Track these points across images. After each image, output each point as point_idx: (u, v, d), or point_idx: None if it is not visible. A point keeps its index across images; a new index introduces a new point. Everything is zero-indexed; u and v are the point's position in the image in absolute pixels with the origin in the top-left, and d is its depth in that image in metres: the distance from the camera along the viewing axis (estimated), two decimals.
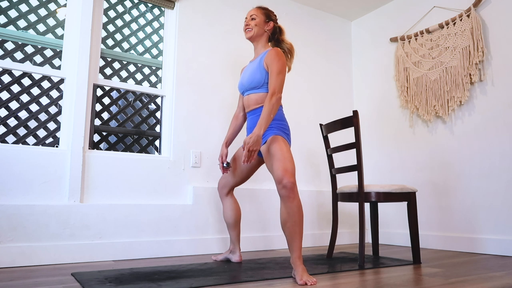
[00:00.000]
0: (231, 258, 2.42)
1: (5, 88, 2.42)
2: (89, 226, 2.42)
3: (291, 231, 1.85)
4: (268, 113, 1.98)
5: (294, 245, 1.85)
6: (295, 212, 1.85)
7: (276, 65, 2.07)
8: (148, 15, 3.02)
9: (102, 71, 2.77)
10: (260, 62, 2.18)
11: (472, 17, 2.96)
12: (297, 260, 1.83)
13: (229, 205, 2.41)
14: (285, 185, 1.85)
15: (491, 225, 2.78)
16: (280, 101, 2.05)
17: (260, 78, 2.15)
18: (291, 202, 1.85)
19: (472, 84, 2.98)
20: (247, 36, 2.28)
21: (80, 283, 1.73)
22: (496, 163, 2.79)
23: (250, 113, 2.25)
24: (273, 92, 2.03)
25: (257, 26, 2.25)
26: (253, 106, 2.21)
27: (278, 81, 2.05)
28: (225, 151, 2.40)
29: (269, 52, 2.14)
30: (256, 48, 2.30)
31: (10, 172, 2.29)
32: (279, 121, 2.11)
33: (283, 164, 1.90)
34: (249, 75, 2.21)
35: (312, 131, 3.59)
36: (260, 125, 1.95)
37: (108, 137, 2.76)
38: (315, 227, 3.39)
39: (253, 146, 1.91)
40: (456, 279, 1.85)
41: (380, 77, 3.72)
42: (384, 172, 3.60)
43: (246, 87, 2.24)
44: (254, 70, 2.19)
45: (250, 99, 2.22)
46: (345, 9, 3.85)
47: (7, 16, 2.49)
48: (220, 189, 2.44)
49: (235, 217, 2.40)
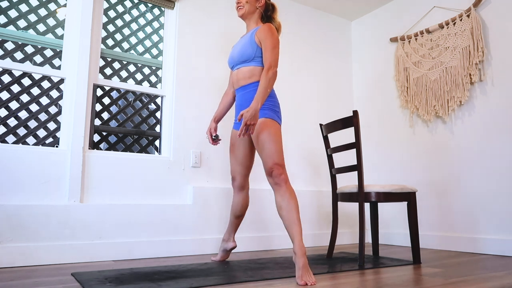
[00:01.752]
0: (227, 247, 2.41)
1: (5, 88, 2.42)
2: (89, 226, 2.42)
3: (287, 217, 1.90)
4: (265, 87, 1.99)
5: (293, 230, 1.87)
6: (289, 198, 1.93)
7: (270, 39, 2.08)
8: (148, 15, 3.02)
9: (102, 71, 2.77)
10: (251, 37, 2.17)
11: (472, 17, 2.96)
12: (299, 249, 1.82)
13: (239, 198, 2.38)
14: (274, 177, 1.98)
15: (491, 225, 2.78)
16: (276, 75, 2.05)
17: (251, 52, 2.15)
18: (283, 191, 1.95)
19: (472, 84, 2.98)
20: (239, 14, 2.26)
21: (80, 283, 1.73)
22: (496, 163, 2.79)
23: (240, 89, 2.22)
24: (270, 66, 2.03)
25: (248, 3, 2.24)
26: (242, 81, 2.19)
27: (273, 55, 2.06)
28: (214, 125, 2.39)
29: (262, 27, 2.14)
30: (248, 26, 2.29)
31: (10, 172, 2.29)
32: (271, 98, 2.12)
33: (272, 153, 1.99)
34: (240, 49, 2.20)
35: (312, 131, 3.59)
36: (257, 99, 1.95)
37: (108, 137, 2.76)
38: (315, 227, 3.39)
39: (251, 120, 1.91)
40: (456, 279, 1.85)
41: (380, 77, 3.72)
42: (384, 172, 3.60)
43: (236, 61, 2.22)
44: (245, 44, 2.18)
45: (240, 72, 2.20)
46: (345, 9, 3.85)
47: (7, 16, 2.49)
48: (233, 183, 2.39)
49: (243, 210, 2.39)
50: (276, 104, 2.14)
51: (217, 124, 2.43)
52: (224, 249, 2.43)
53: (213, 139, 2.38)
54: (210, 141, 2.38)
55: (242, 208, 2.39)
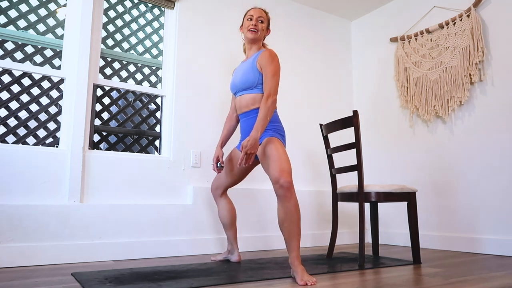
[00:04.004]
0: (231, 258, 2.42)
1: (5, 88, 2.42)
2: (89, 226, 2.42)
3: (289, 230, 1.85)
4: (264, 115, 1.99)
5: (292, 245, 1.85)
6: (293, 212, 1.85)
7: (270, 66, 2.09)
8: (148, 15, 3.02)
9: (102, 71, 2.77)
10: (253, 63, 2.18)
11: (472, 17, 2.96)
12: (295, 260, 1.83)
13: (224, 206, 2.41)
14: (282, 185, 1.85)
15: (491, 225, 2.78)
16: (275, 103, 2.06)
17: (254, 79, 2.15)
18: (288, 202, 1.86)
19: (472, 84, 2.98)
20: (251, 37, 2.25)
21: (80, 283, 1.73)
22: (496, 163, 2.79)
23: (243, 115, 2.24)
24: (269, 94, 2.04)
25: (262, 31, 2.28)
26: (245, 108, 2.21)
27: (273, 83, 2.06)
28: (221, 152, 2.39)
29: (263, 53, 2.15)
30: (251, 49, 2.30)
31: (10, 172, 2.29)
32: (274, 123, 2.12)
33: (279, 164, 1.91)
34: (242, 75, 2.21)
35: (312, 131, 3.59)
36: (257, 128, 1.96)
37: (108, 137, 2.76)
38: (315, 227, 3.39)
39: (251, 149, 1.92)
40: (456, 279, 1.85)
41: (380, 77, 3.72)
42: (384, 172, 3.60)
43: (239, 88, 2.23)
44: (247, 70, 2.19)
45: (242, 100, 2.21)
46: (345, 9, 3.85)
47: (7, 16, 2.49)
48: (214, 190, 2.44)
49: (231, 217, 2.40)
50: (281, 129, 2.13)
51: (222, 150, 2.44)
52: (228, 259, 2.43)
53: (218, 168, 2.37)
54: (215, 169, 2.37)
55: (230, 213, 2.39)
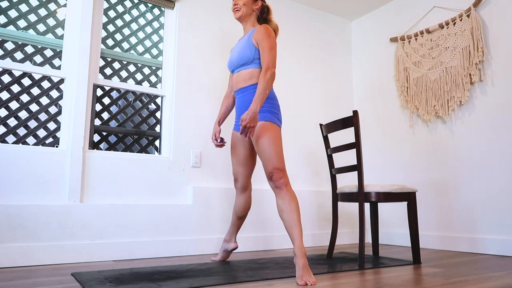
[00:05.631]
0: (228, 247, 2.41)
1: (5, 88, 2.42)
2: (89, 226, 2.42)
3: (288, 218, 1.92)
4: (263, 89, 2.00)
5: (294, 232, 1.89)
6: (290, 200, 1.95)
7: (266, 40, 2.09)
8: (148, 15, 3.02)
9: (102, 71, 2.77)
10: (249, 39, 2.19)
11: (472, 17, 2.96)
12: (299, 250, 1.84)
13: (244, 200, 2.38)
14: (274, 181, 2.00)
15: (491, 225, 2.78)
16: (274, 76, 2.06)
17: (250, 54, 2.16)
18: (284, 194, 1.98)
19: (472, 84, 2.98)
20: (236, 16, 2.27)
21: (80, 283, 1.73)
22: (496, 163, 2.79)
23: (239, 92, 2.24)
24: (267, 68, 2.05)
25: (245, 5, 2.26)
26: (242, 84, 2.21)
27: (270, 56, 2.07)
28: (218, 129, 2.40)
29: (258, 28, 2.16)
30: (245, 28, 2.30)
31: (10, 172, 2.28)
32: (271, 100, 2.13)
33: (272, 162, 2.01)
34: (238, 52, 2.22)
35: (312, 131, 3.59)
36: (255, 101, 1.97)
37: (108, 137, 2.76)
38: (315, 227, 3.39)
39: (250, 122, 1.93)
40: (456, 279, 1.85)
41: (380, 77, 3.72)
42: (384, 172, 3.60)
43: (236, 64, 2.24)
44: (243, 47, 2.20)
45: (239, 75, 2.22)
46: (345, 9, 3.85)
47: (7, 16, 2.49)
48: (236, 183, 2.38)
49: (246, 211, 2.40)
50: (275, 106, 2.14)
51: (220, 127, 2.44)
52: (225, 249, 2.43)
53: (218, 143, 2.38)
54: (216, 144, 2.38)
55: (245, 209, 2.39)
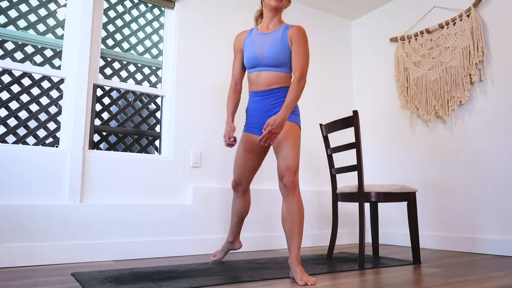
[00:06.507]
0: (234, 248, 2.39)
1: (5, 88, 2.42)
2: (89, 226, 2.42)
3: (290, 229, 1.87)
4: (296, 97, 1.91)
5: (292, 244, 1.86)
6: (295, 211, 1.86)
7: (304, 46, 1.97)
8: (148, 15, 3.02)
9: (102, 71, 2.77)
10: (283, 38, 2.00)
11: (472, 17, 2.96)
12: (294, 260, 1.83)
13: (245, 202, 2.30)
14: (285, 183, 1.89)
15: (491, 225, 2.78)
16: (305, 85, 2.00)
17: (285, 57, 1.99)
18: (290, 201, 1.88)
19: (472, 84, 2.98)
20: (275, 4, 2.03)
21: (80, 283, 1.73)
22: (496, 163, 2.79)
23: (259, 94, 2.05)
24: (302, 76, 1.94)
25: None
26: (264, 87, 2.03)
27: (306, 64, 1.95)
28: (234, 127, 2.16)
29: (295, 28, 1.99)
30: (273, 20, 2.08)
31: (10, 172, 2.29)
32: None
33: (287, 162, 1.90)
34: (271, 50, 2.00)
35: (312, 131, 3.59)
36: (287, 108, 1.88)
37: (108, 137, 2.76)
38: (315, 227, 3.39)
39: (277, 129, 1.84)
40: (456, 279, 1.85)
41: (380, 77, 3.72)
42: (384, 172, 3.60)
43: (265, 63, 2.01)
44: (277, 46, 2.00)
45: (265, 77, 2.02)
46: (345, 9, 3.85)
47: (7, 16, 2.49)
48: (238, 187, 2.26)
49: (247, 211, 2.34)
50: (297, 108, 2.07)
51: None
52: (230, 250, 2.41)
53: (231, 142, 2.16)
54: (228, 143, 2.16)
55: (247, 209, 2.35)
